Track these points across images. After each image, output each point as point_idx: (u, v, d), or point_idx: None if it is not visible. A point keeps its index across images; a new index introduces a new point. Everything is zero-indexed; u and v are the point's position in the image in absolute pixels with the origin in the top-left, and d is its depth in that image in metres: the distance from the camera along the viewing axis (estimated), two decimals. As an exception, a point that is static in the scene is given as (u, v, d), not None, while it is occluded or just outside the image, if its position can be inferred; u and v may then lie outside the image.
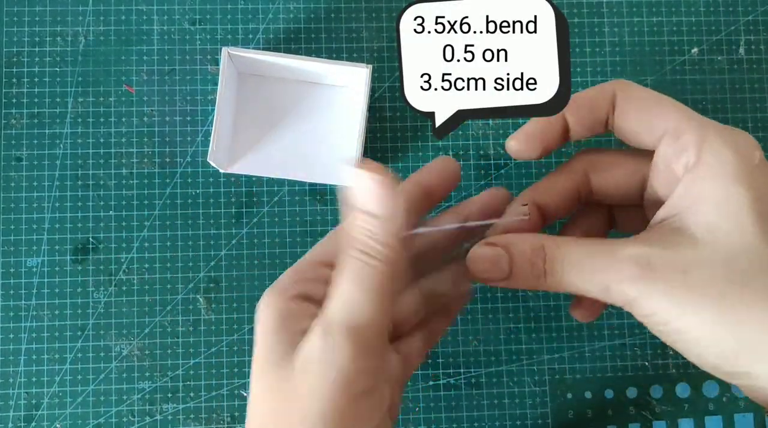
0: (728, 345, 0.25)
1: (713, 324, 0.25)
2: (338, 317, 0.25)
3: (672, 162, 0.27)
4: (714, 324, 0.25)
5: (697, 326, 0.26)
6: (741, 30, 0.45)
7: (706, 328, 0.25)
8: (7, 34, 0.44)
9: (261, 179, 0.43)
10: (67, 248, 0.42)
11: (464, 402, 0.42)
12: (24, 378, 0.41)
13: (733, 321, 0.25)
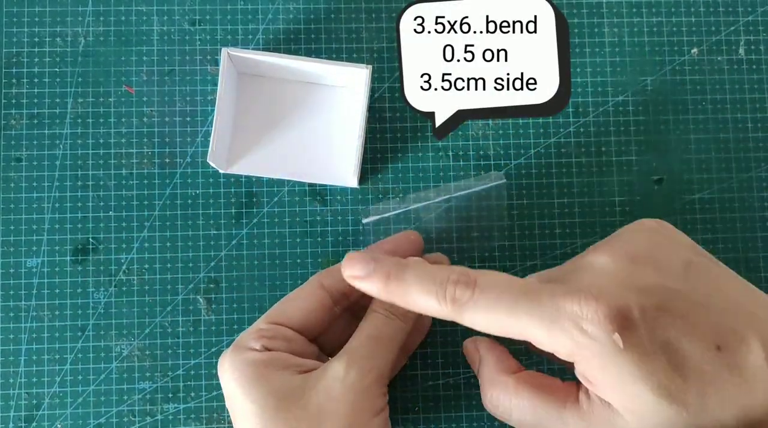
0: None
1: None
2: (359, 353, 0.32)
3: (555, 352, 0.29)
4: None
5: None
6: (741, 30, 0.45)
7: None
8: (7, 35, 0.44)
9: (261, 179, 0.43)
10: (67, 248, 0.42)
11: (463, 402, 0.42)
12: (24, 378, 0.41)
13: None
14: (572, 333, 0.28)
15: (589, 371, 0.28)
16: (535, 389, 0.31)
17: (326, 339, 0.37)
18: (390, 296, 0.31)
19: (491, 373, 0.32)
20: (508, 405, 0.31)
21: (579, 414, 0.30)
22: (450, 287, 0.29)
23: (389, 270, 0.30)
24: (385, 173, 0.44)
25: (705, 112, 0.45)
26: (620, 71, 0.45)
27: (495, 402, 0.32)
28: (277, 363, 0.32)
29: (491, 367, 0.33)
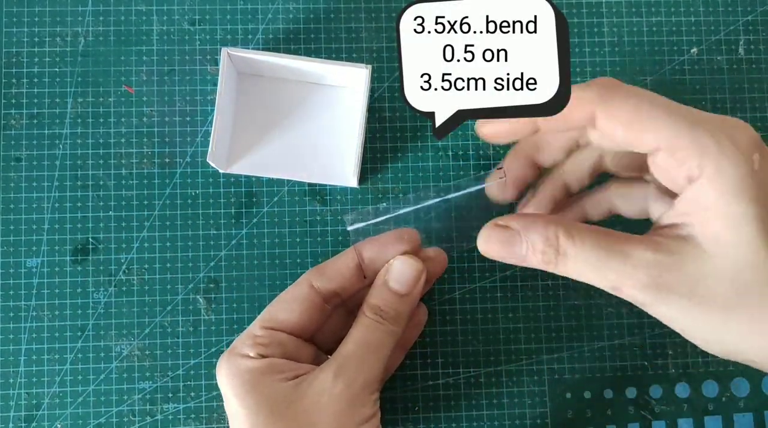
0: (733, 347, 0.27)
1: (719, 332, 0.27)
2: (347, 362, 0.32)
3: (672, 172, 0.28)
4: (720, 332, 0.27)
5: (703, 330, 0.28)
6: (740, 30, 0.45)
7: (713, 333, 0.27)
8: (7, 35, 0.44)
9: (261, 179, 0.43)
10: (66, 248, 0.42)
11: (463, 401, 0.42)
12: (24, 378, 0.41)
13: (737, 330, 0.27)
14: (718, 138, 0.26)
15: (710, 185, 0.26)
16: (593, 230, 0.29)
17: (323, 337, 0.37)
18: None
19: (542, 225, 0.29)
20: (569, 249, 0.28)
21: (645, 246, 0.28)
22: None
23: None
24: (385, 173, 0.44)
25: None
26: (620, 71, 0.45)
27: (547, 250, 0.29)
28: (271, 369, 0.32)
29: (540, 222, 0.29)
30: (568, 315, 0.43)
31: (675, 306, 0.28)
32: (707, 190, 0.26)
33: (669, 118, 0.27)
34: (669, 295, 0.27)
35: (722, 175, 0.26)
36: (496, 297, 0.43)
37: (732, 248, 0.26)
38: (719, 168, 0.26)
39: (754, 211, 0.26)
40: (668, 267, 0.27)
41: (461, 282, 0.43)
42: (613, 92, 0.28)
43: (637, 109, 0.27)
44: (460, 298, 0.43)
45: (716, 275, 0.27)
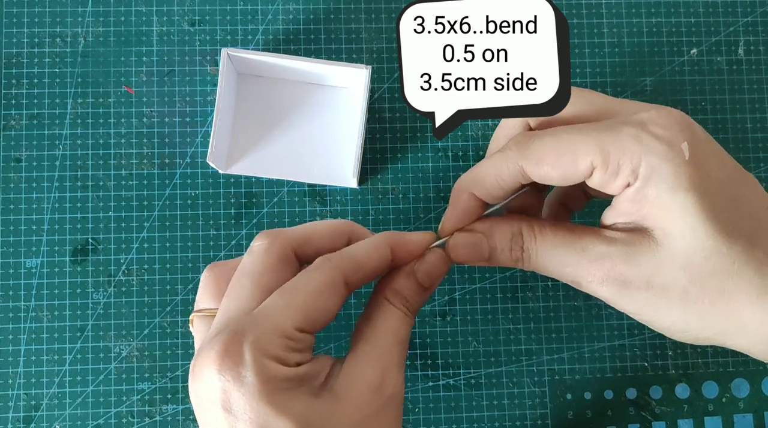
0: (697, 332, 0.28)
1: (680, 317, 0.28)
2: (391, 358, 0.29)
3: (610, 185, 0.28)
4: (681, 318, 0.28)
5: (667, 321, 0.28)
6: (740, 31, 0.45)
7: (677, 323, 0.28)
8: (7, 35, 0.44)
9: (260, 180, 0.43)
10: (66, 249, 0.42)
11: (464, 402, 0.42)
12: (23, 379, 0.41)
13: (698, 315, 0.28)
14: (641, 138, 0.27)
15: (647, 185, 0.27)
16: (554, 225, 0.30)
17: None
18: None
19: (506, 225, 0.31)
20: (531, 246, 0.30)
21: (600, 239, 0.28)
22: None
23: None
24: (385, 174, 0.44)
25: (704, 113, 0.45)
26: (620, 71, 0.45)
27: (514, 247, 0.30)
28: (308, 379, 0.28)
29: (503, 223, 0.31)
30: (568, 316, 0.43)
31: (635, 299, 0.28)
32: (645, 190, 0.27)
33: (589, 139, 0.28)
34: (627, 288, 0.28)
35: (655, 172, 0.27)
36: (496, 298, 0.43)
37: (679, 238, 0.27)
38: (650, 167, 0.27)
39: (693, 200, 0.26)
40: (623, 260, 0.28)
41: (461, 282, 0.43)
42: (529, 141, 0.29)
43: (556, 145, 0.28)
44: (461, 299, 0.43)
45: (669, 264, 0.27)
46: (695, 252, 0.27)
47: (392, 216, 0.43)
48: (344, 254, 0.30)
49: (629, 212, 0.28)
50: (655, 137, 0.27)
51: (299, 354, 0.27)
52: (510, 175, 0.30)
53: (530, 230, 0.30)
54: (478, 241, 0.31)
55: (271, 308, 0.28)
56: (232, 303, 0.29)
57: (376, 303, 0.31)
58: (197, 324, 0.31)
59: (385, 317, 0.30)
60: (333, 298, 0.28)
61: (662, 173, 0.27)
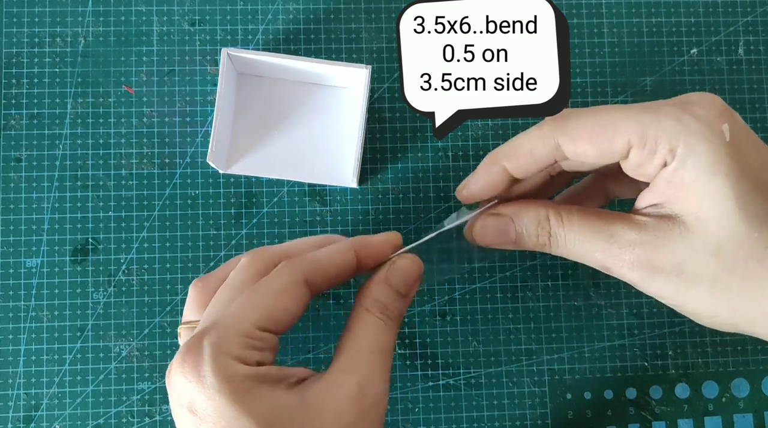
0: (726, 319, 0.28)
1: (709, 304, 0.28)
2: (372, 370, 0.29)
3: (646, 165, 0.28)
4: (710, 304, 0.28)
5: (696, 306, 0.28)
6: (740, 31, 0.45)
7: (706, 308, 0.28)
8: (7, 35, 0.44)
9: (260, 180, 0.43)
10: (66, 249, 0.42)
11: (464, 402, 0.42)
12: (23, 378, 0.41)
13: (727, 302, 0.27)
14: (681, 118, 0.26)
15: (684, 165, 0.27)
16: (582, 211, 0.30)
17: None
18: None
19: (533, 209, 0.31)
20: (558, 231, 0.30)
21: (630, 226, 0.28)
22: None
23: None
24: (385, 174, 0.44)
25: (704, 113, 0.45)
26: (620, 71, 0.45)
27: (541, 232, 0.30)
28: (271, 377, 0.27)
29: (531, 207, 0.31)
30: (568, 315, 0.43)
31: (664, 284, 0.28)
32: (682, 171, 0.27)
33: (628, 116, 0.27)
34: (656, 274, 0.28)
35: (694, 153, 0.26)
36: (496, 298, 0.43)
37: (712, 224, 0.27)
38: (689, 147, 0.26)
39: (730, 185, 0.26)
40: (653, 246, 0.28)
41: (461, 282, 0.43)
42: (567, 118, 0.29)
43: (594, 121, 0.28)
44: (461, 299, 0.43)
45: (700, 251, 0.27)
46: (728, 239, 0.27)
47: (392, 216, 0.43)
48: (306, 257, 0.31)
49: (665, 193, 0.28)
50: (695, 117, 0.27)
51: (259, 352, 0.28)
52: (545, 150, 0.29)
53: (557, 215, 0.30)
54: (505, 225, 0.31)
55: (233, 309, 0.29)
56: (209, 313, 0.30)
57: (356, 313, 0.31)
58: (184, 335, 0.32)
59: (363, 327, 0.30)
60: (293, 299, 0.29)
61: (701, 154, 0.26)
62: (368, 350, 0.29)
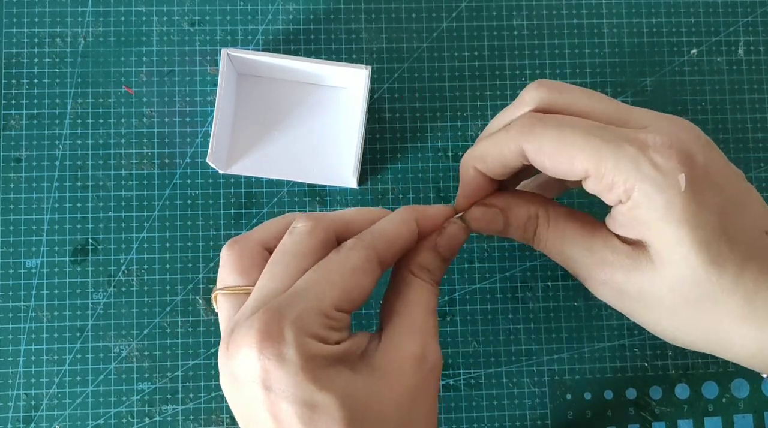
0: (689, 342, 0.30)
1: (671, 329, 0.30)
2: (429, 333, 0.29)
3: (603, 195, 0.29)
4: (672, 330, 0.30)
5: (657, 325, 0.30)
6: (740, 31, 0.45)
7: (666, 328, 0.30)
8: (7, 35, 0.44)
9: (260, 180, 0.43)
10: (66, 249, 0.42)
11: (463, 403, 0.42)
12: (23, 379, 0.41)
13: (687, 329, 0.29)
14: (639, 163, 0.27)
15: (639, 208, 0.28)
16: (569, 216, 0.31)
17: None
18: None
19: (524, 206, 0.32)
20: (543, 232, 0.31)
21: (607, 244, 0.30)
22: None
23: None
24: (385, 174, 0.44)
25: (704, 113, 0.45)
26: (620, 71, 0.45)
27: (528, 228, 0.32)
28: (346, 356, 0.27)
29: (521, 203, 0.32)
30: (568, 316, 0.43)
31: (629, 305, 0.30)
32: (636, 212, 0.28)
33: (589, 145, 0.28)
34: (622, 295, 0.30)
35: (648, 199, 0.27)
36: (496, 298, 0.43)
37: (669, 265, 0.28)
38: (643, 193, 0.27)
39: (684, 232, 0.27)
40: (622, 271, 0.29)
41: (461, 283, 0.43)
42: (533, 126, 0.29)
43: (558, 138, 0.28)
44: (461, 299, 0.43)
45: (660, 283, 0.28)
46: (685, 279, 0.28)
47: (392, 216, 0.43)
48: (375, 233, 0.30)
49: (624, 225, 0.29)
50: (652, 165, 0.27)
51: (338, 333, 0.27)
52: (512, 155, 0.30)
53: (545, 216, 0.31)
54: (494, 216, 0.32)
55: (310, 287, 0.28)
56: (270, 282, 0.28)
57: (403, 278, 0.31)
58: (222, 301, 0.30)
59: (415, 291, 0.30)
60: (368, 277, 0.29)
61: (655, 203, 0.27)
62: (424, 311, 0.30)
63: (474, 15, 0.45)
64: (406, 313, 0.30)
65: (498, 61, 0.45)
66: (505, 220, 0.32)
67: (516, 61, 0.45)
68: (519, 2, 0.45)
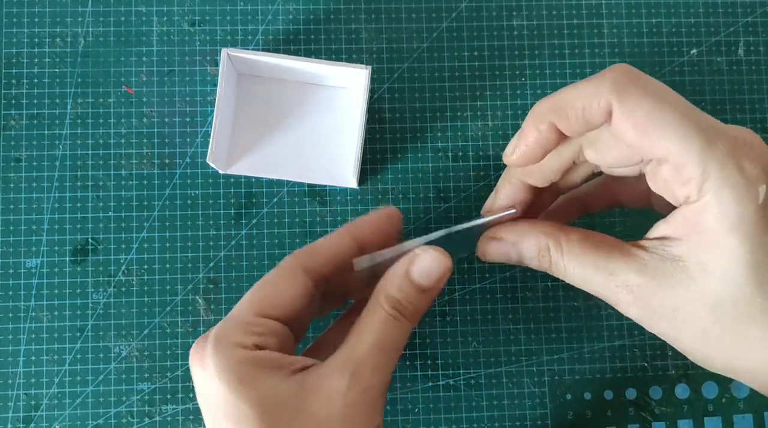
0: (720, 366, 0.29)
1: (703, 351, 0.28)
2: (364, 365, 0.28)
3: (673, 186, 0.27)
4: (703, 352, 0.28)
5: (688, 348, 0.28)
6: (740, 31, 0.45)
7: (697, 352, 0.29)
8: (7, 35, 0.44)
9: (260, 180, 0.43)
10: (66, 249, 0.42)
11: (463, 403, 0.42)
12: (23, 379, 0.41)
13: (718, 353, 0.28)
14: (726, 164, 0.25)
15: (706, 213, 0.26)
16: (583, 240, 0.29)
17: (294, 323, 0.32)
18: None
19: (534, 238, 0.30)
20: (558, 261, 0.30)
21: (630, 264, 0.28)
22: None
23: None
24: (385, 174, 0.44)
25: (704, 113, 0.45)
26: (620, 72, 0.45)
27: (542, 260, 0.30)
28: (270, 363, 0.28)
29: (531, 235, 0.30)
30: (568, 316, 0.43)
31: (659, 324, 0.28)
32: (703, 216, 0.26)
33: (683, 129, 0.26)
34: (651, 315, 0.28)
35: (721, 206, 0.25)
36: (496, 298, 0.43)
37: (717, 281, 0.26)
38: (720, 199, 0.25)
39: (746, 248, 0.25)
40: (651, 290, 0.27)
41: (461, 283, 0.43)
42: (630, 87, 0.26)
43: (652, 111, 0.26)
44: (460, 299, 0.43)
45: (696, 302, 0.27)
46: (728, 298, 0.26)
47: (392, 216, 0.43)
48: (305, 246, 0.32)
49: (679, 231, 0.27)
50: (739, 170, 0.25)
51: (258, 337, 0.29)
52: (599, 111, 0.27)
53: (557, 246, 0.30)
54: (507, 251, 0.31)
55: (238, 304, 0.30)
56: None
57: (369, 304, 0.30)
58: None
59: (370, 321, 0.29)
60: (289, 283, 0.30)
61: (727, 209, 0.25)
62: (368, 344, 0.29)
63: (474, 15, 0.45)
64: (350, 342, 0.29)
65: (498, 61, 0.45)
66: (518, 253, 0.31)
67: (516, 61, 0.45)
68: (519, 2, 0.45)
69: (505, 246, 0.31)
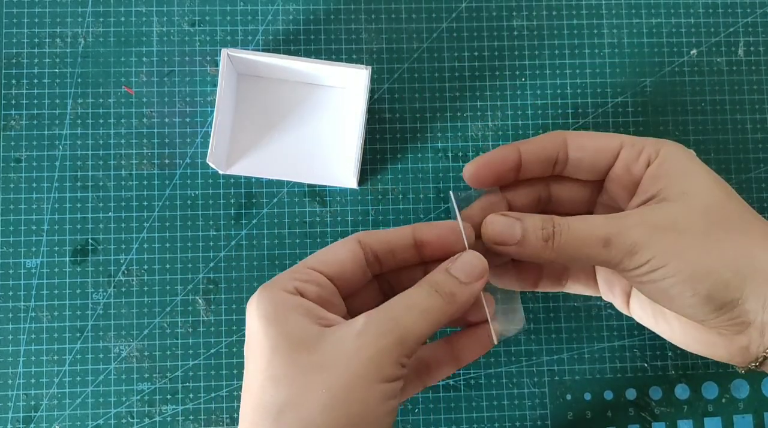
0: (719, 275, 0.31)
1: (705, 259, 0.31)
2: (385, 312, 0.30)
3: (632, 163, 0.34)
4: (705, 259, 0.31)
5: (691, 263, 0.31)
6: (740, 32, 0.45)
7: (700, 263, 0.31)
8: (7, 35, 0.44)
9: (260, 180, 0.43)
10: (66, 249, 0.42)
11: (463, 403, 0.42)
12: (23, 379, 0.41)
13: (719, 253, 0.31)
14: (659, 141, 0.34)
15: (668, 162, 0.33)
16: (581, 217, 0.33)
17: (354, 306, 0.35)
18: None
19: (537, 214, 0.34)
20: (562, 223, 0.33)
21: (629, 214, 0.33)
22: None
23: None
24: (385, 174, 0.44)
25: (704, 113, 0.45)
26: (619, 72, 0.45)
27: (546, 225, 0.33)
28: (302, 308, 0.31)
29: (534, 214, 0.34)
30: (567, 316, 0.43)
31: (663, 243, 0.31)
32: (666, 164, 0.33)
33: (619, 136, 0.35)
34: (655, 232, 0.31)
35: (673, 153, 0.33)
36: (496, 299, 0.43)
37: (698, 195, 0.32)
38: (669, 149, 0.34)
39: (706, 170, 0.33)
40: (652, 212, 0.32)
41: (461, 283, 0.43)
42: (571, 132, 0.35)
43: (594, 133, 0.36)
44: (460, 299, 0.43)
45: (691, 214, 0.32)
46: (710, 206, 0.32)
47: (392, 216, 0.43)
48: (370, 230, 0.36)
49: (651, 189, 0.33)
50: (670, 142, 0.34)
51: (300, 282, 0.31)
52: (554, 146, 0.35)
53: (560, 219, 0.33)
54: (512, 223, 0.33)
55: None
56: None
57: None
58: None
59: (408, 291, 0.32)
60: (341, 246, 0.33)
61: (679, 153, 0.34)
62: (394, 301, 0.31)
63: (474, 15, 0.45)
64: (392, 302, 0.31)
65: (498, 62, 0.45)
66: (522, 227, 0.33)
67: (516, 62, 0.45)
68: (519, 2, 0.45)
69: (511, 221, 0.33)
